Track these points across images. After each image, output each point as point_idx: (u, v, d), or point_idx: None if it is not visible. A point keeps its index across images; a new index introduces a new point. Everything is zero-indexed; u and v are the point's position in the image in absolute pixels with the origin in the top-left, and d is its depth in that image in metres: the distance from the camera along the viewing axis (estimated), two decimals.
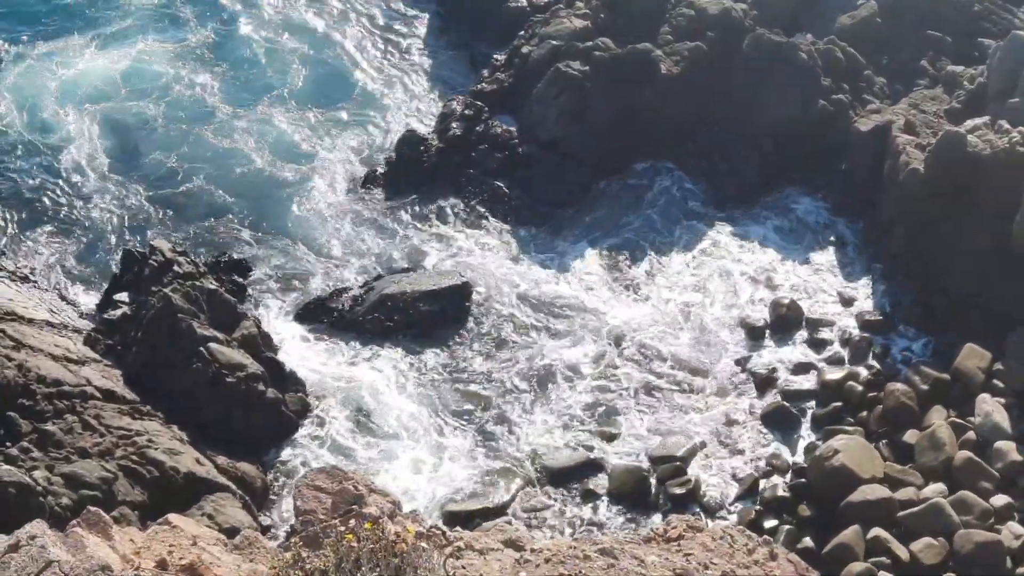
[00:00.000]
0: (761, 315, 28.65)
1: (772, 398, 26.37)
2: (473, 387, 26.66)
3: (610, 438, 25.40)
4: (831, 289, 29.56)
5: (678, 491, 23.88)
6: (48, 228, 30.69)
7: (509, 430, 25.59)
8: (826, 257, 30.63)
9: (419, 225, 31.76)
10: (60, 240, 30.32)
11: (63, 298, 28.05)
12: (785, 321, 28.24)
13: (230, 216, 31.69)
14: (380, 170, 33.45)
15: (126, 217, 31.36)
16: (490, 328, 28.37)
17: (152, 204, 31.84)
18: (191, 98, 36.05)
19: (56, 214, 31.19)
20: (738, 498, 23.97)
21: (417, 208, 32.29)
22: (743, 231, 31.53)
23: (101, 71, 36.79)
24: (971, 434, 23.65)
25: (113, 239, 30.56)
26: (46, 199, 31.63)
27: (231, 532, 17.37)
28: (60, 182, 32.27)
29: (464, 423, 25.77)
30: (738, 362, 27.44)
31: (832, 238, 31.21)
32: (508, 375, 27.00)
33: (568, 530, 23.14)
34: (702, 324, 28.61)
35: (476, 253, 30.77)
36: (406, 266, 30.05)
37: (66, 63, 37.06)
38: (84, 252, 30.11)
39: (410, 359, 27.42)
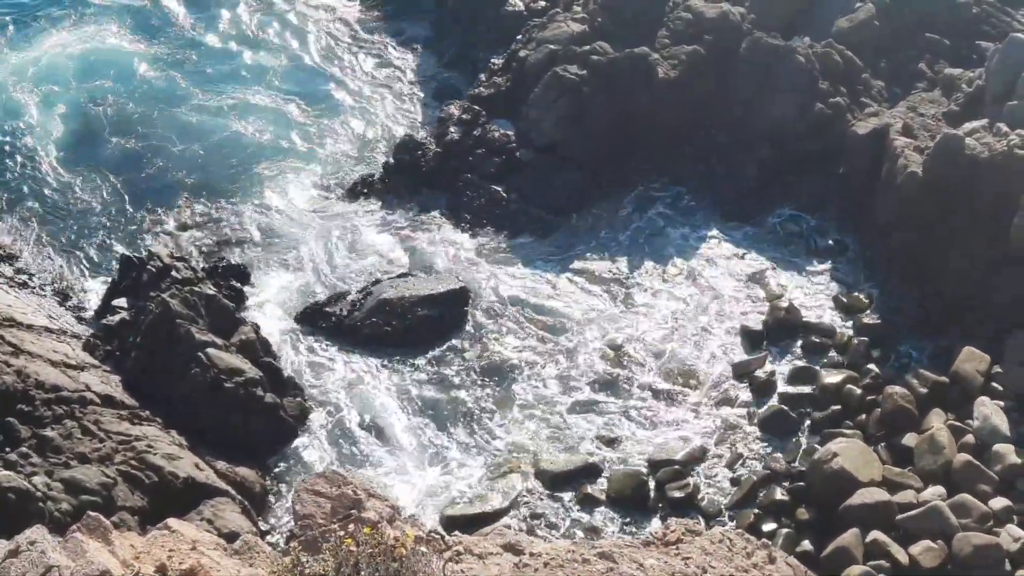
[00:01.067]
0: (759, 320, 28.65)
1: (770, 402, 26.37)
2: (471, 392, 26.66)
3: (609, 442, 25.39)
4: (829, 293, 29.53)
5: (677, 495, 23.86)
6: (36, 225, 30.91)
7: (507, 434, 25.59)
8: (823, 261, 30.60)
9: (416, 229, 31.77)
10: (49, 240, 30.44)
11: (61, 304, 28.05)
12: (783, 325, 28.21)
13: (224, 220, 31.71)
14: (377, 174, 33.49)
15: (119, 218, 31.53)
16: (488, 333, 28.36)
17: (141, 207, 31.98)
18: (180, 91, 36.37)
19: (44, 211, 31.51)
20: (737, 502, 23.91)
21: (414, 212, 32.31)
22: (740, 235, 31.49)
23: (80, 59, 37.19)
24: (970, 437, 23.63)
25: (105, 239, 30.73)
26: (38, 202, 31.83)
27: (230, 537, 17.37)
28: (48, 177, 32.52)
29: (462, 427, 25.76)
30: (736, 366, 27.44)
31: (830, 242, 31.16)
32: (506, 380, 27.00)
33: (567, 534, 23.13)
34: (700, 329, 28.61)
35: (474, 258, 30.77)
36: (404, 271, 30.04)
37: (43, 48, 37.35)
38: (75, 252, 30.23)
39: (408, 364, 27.41)
